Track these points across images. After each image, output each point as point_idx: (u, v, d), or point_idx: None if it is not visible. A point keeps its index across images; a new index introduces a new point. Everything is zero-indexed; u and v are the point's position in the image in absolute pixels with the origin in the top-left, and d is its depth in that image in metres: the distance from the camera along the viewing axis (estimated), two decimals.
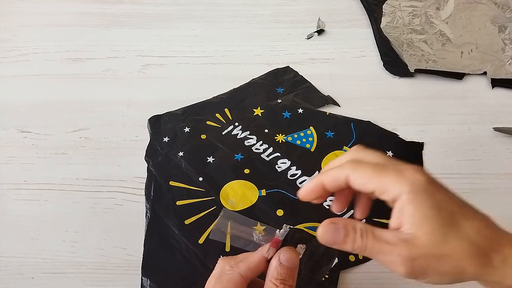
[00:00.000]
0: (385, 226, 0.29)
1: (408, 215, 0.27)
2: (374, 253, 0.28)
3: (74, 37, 0.62)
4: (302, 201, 0.32)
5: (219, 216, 0.32)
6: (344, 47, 0.62)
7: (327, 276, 0.39)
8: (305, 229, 0.42)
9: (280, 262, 0.30)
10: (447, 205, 0.27)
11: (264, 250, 0.32)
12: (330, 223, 0.29)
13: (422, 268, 0.26)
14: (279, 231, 0.32)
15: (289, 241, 0.32)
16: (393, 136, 0.50)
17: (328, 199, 0.44)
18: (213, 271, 0.31)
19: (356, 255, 0.40)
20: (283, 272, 0.30)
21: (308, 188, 0.31)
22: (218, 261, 0.32)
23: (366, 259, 0.40)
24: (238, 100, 0.53)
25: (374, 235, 0.28)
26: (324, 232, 0.29)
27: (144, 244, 0.41)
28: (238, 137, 0.49)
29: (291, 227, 0.33)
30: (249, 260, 0.31)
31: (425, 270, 0.26)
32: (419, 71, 0.57)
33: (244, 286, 0.31)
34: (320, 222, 0.42)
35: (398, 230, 0.27)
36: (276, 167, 0.47)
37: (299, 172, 0.46)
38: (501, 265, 0.25)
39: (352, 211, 0.43)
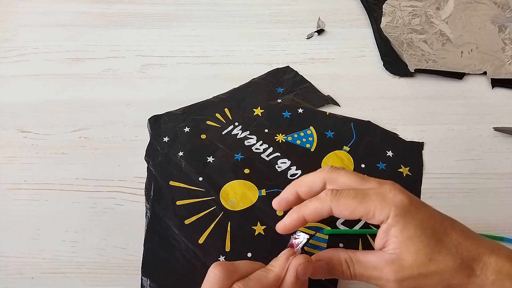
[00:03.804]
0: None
1: (394, 236, 0.28)
2: (365, 280, 0.29)
3: (74, 37, 0.62)
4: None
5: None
6: (344, 47, 0.62)
7: None
8: (305, 229, 0.42)
9: (297, 277, 0.29)
10: (429, 222, 0.28)
11: (280, 270, 0.29)
12: (316, 260, 0.30)
13: (412, 287, 0.27)
14: (297, 241, 0.31)
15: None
16: (393, 136, 0.50)
17: None
18: (210, 283, 0.28)
19: None
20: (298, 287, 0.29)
21: (287, 222, 0.32)
22: (215, 273, 0.28)
23: None
24: (238, 100, 0.53)
25: (360, 263, 0.29)
26: (310, 272, 0.29)
27: (144, 244, 0.41)
28: (238, 137, 0.49)
29: (306, 233, 0.32)
30: (262, 283, 0.29)
31: None
32: (419, 71, 0.57)
33: None
34: (320, 222, 0.42)
35: (382, 251, 0.28)
36: (276, 167, 0.47)
37: (299, 172, 0.46)
38: (481, 273, 0.27)
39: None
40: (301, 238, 0.32)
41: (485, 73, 0.57)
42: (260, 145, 0.49)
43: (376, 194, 0.28)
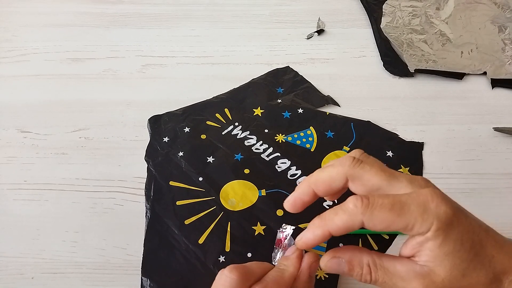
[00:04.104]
0: None
1: (430, 250, 0.25)
2: (387, 287, 0.26)
3: (74, 37, 0.62)
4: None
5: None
6: (344, 47, 0.62)
7: (327, 276, 0.39)
8: None
9: (310, 276, 0.28)
10: (468, 235, 0.25)
11: (294, 269, 0.29)
12: (332, 257, 0.28)
13: None
14: (284, 234, 0.31)
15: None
16: (393, 136, 0.50)
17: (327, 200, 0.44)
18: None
19: None
20: (311, 286, 0.28)
21: (310, 239, 0.28)
22: (232, 278, 0.27)
23: None
24: (238, 100, 0.53)
25: (385, 270, 0.26)
26: (327, 265, 0.28)
27: (144, 244, 0.41)
28: (238, 137, 0.49)
29: (291, 225, 0.32)
30: (279, 283, 0.28)
31: None
32: (419, 71, 0.57)
33: None
34: None
35: (411, 261, 0.26)
36: (276, 167, 0.47)
37: (299, 172, 0.46)
38: (508, 286, 0.26)
39: None
40: (287, 230, 0.31)
41: (485, 73, 0.57)
42: (260, 145, 0.49)
43: (416, 204, 0.25)
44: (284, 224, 0.32)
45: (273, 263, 0.31)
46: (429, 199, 0.25)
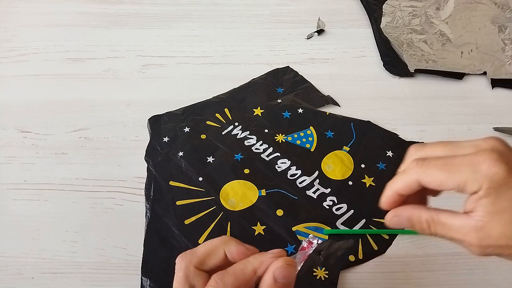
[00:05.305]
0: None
1: (484, 206, 0.26)
2: (445, 239, 0.28)
3: (74, 37, 0.62)
4: (383, 209, 0.30)
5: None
6: (344, 47, 0.62)
7: (327, 276, 0.39)
8: (305, 229, 0.42)
9: (276, 280, 0.27)
10: None
11: (258, 266, 0.28)
12: (393, 216, 0.30)
13: (495, 253, 0.27)
14: (312, 246, 0.30)
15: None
16: (393, 136, 0.50)
17: (328, 199, 0.44)
18: (180, 274, 0.28)
19: (356, 255, 0.40)
20: None
21: (385, 199, 0.30)
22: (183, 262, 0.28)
23: (366, 259, 0.40)
24: (238, 100, 0.53)
25: (443, 225, 0.28)
26: (390, 223, 0.30)
27: (144, 244, 0.41)
28: (238, 137, 0.49)
29: (320, 238, 0.30)
30: (238, 277, 0.28)
31: (498, 255, 0.27)
32: (419, 71, 0.57)
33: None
34: (319, 222, 0.42)
35: (469, 216, 0.27)
36: (276, 167, 0.47)
37: (299, 172, 0.46)
38: None
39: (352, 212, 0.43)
40: (315, 244, 0.30)
41: (485, 73, 0.57)
42: (260, 145, 0.49)
43: (467, 164, 0.27)
44: (313, 237, 0.31)
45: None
46: (481, 161, 0.26)
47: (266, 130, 0.50)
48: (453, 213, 0.28)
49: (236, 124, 0.51)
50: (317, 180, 0.45)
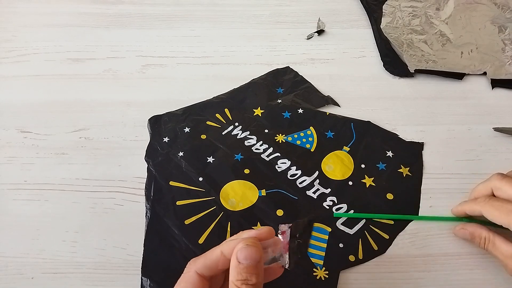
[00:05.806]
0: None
1: None
2: (491, 255, 0.38)
3: (74, 37, 0.63)
4: None
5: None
6: (344, 47, 0.62)
7: (327, 276, 0.39)
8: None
9: (239, 261, 0.27)
10: None
11: (226, 247, 0.28)
12: (460, 228, 0.40)
13: None
14: (286, 237, 0.30)
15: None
16: (393, 136, 0.50)
17: (328, 199, 0.44)
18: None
19: (356, 255, 0.40)
20: (243, 271, 0.27)
21: (456, 212, 0.42)
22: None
23: (366, 259, 0.40)
24: (238, 100, 0.53)
25: (494, 245, 0.37)
26: (457, 233, 0.41)
27: (144, 244, 0.41)
28: (238, 137, 0.49)
29: (287, 224, 0.31)
30: (206, 257, 0.29)
31: None
32: (419, 71, 0.57)
33: (203, 285, 0.28)
34: (319, 222, 0.42)
35: None
36: (276, 167, 0.47)
37: (299, 172, 0.46)
38: None
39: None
40: (287, 231, 0.30)
41: (485, 73, 0.57)
42: (260, 146, 0.49)
43: None
44: (280, 226, 0.30)
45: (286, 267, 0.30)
46: None
47: (266, 130, 0.50)
48: (505, 240, 0.36)
49: (236, 124, 0.51)
50: (317, 180, 0.45)
